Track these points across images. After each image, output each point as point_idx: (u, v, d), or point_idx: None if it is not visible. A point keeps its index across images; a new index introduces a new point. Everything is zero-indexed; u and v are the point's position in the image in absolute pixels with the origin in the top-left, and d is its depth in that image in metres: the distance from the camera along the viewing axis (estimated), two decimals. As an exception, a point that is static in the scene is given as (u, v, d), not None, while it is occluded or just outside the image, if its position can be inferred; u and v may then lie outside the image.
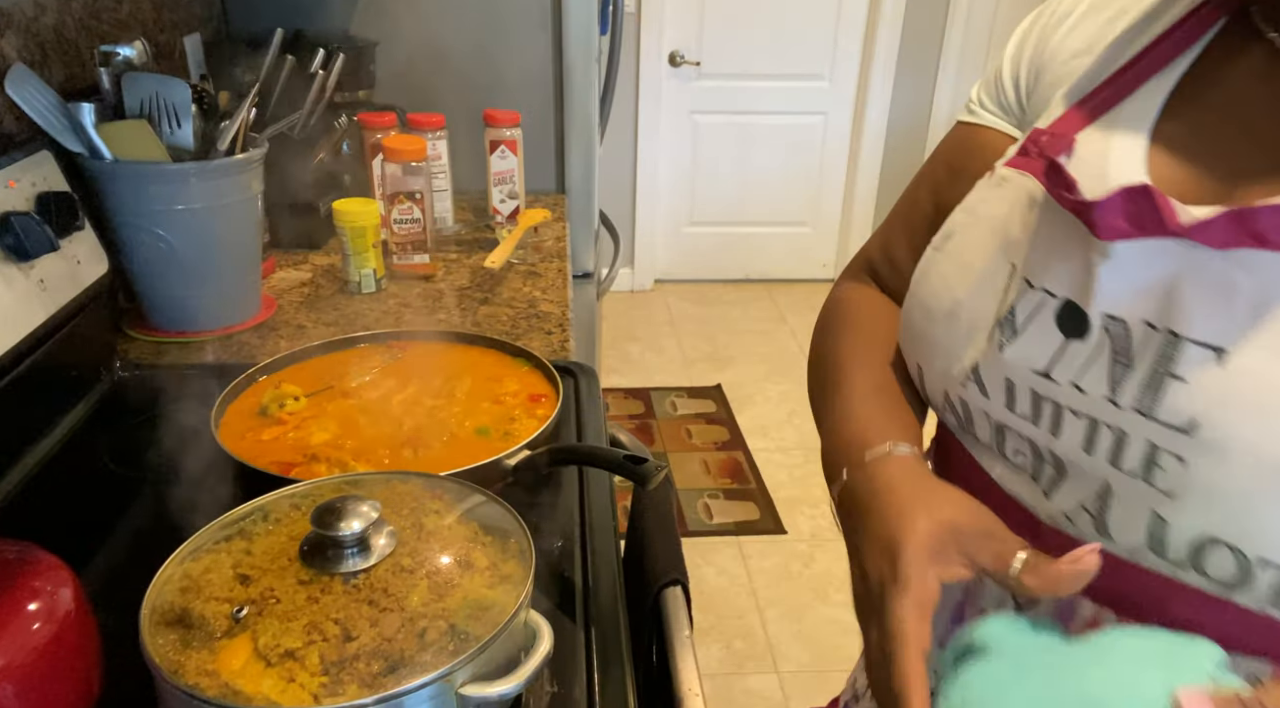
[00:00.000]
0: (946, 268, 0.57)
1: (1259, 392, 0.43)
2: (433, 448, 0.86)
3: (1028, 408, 0.52)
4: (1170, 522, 0.47)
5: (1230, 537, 0.45)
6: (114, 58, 1.08)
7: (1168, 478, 0.46)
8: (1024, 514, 0.55)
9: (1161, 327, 0.46)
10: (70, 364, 0.99)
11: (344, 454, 0.84)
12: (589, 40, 1.74)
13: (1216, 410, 0.44)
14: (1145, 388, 0.46)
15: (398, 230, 1.35)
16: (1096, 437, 0.49)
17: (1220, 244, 0.43)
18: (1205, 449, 0.44)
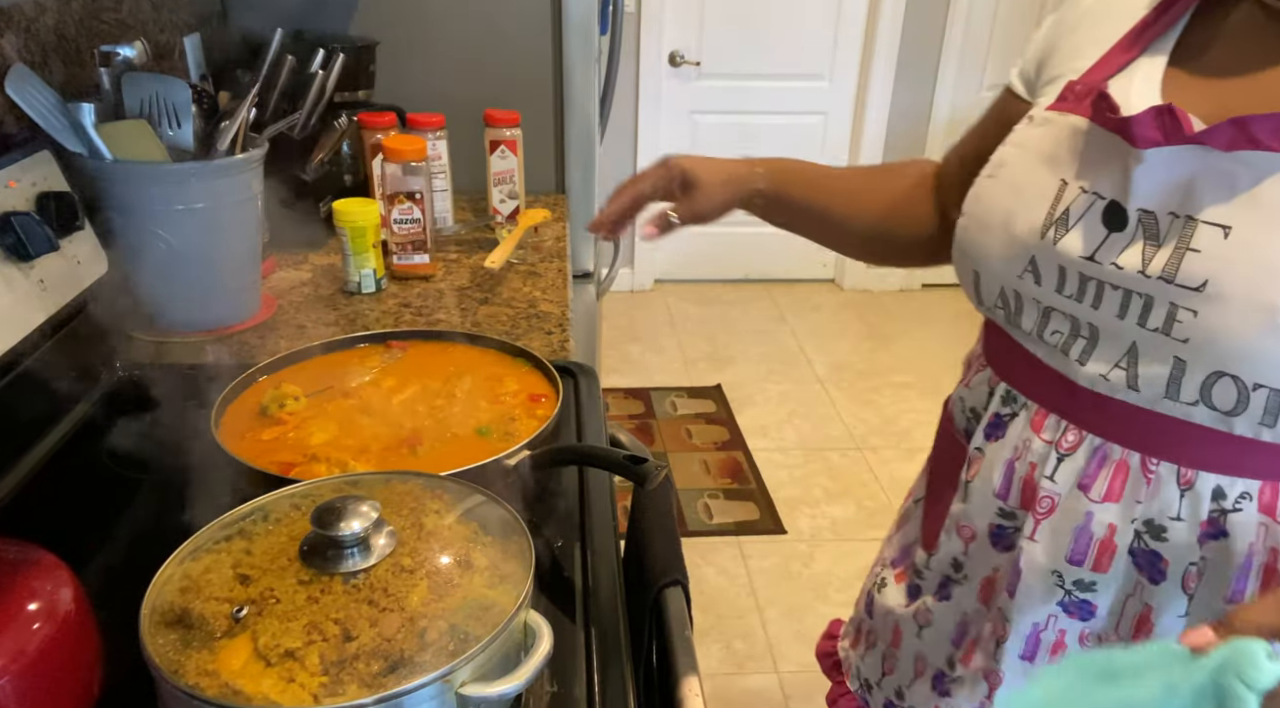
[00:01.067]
0: (999, 190, 0.71)
1: (1252, 256, 0.57)
2: (433, 448, 0.86)
3: (1075, 288, 0.66)
4: (1188, 362, 0.60)
5: (1232, 368, 0.59)
6: (114, 58, 1.08)
7: (1184, 329, 0.60)
8: (1063, 382, 0.69)
9: (1182, 214, 0.60)
10: (70, 364, 0.99)
11: (344, 454, 0.84)
12: (589, 40, 1.74)
13: (1222, 271, 0.58)
14: (1169, 260, 0.60)
15: (398, 230, 1.35)
16: (1129, 304, 0.63)
17: (1226, 146, 0.58)
18: (1213, 301, 0.58)
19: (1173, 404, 0.63)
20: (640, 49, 3.71)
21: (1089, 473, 0.68)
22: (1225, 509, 0.65)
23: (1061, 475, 0.70)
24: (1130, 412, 0.65)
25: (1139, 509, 0.67)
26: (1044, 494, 0.71)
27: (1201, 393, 0.61)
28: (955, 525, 0.81)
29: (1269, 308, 0.56)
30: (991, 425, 0.76)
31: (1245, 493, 0.64)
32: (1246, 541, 0.65)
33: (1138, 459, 0.66)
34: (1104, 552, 0.70)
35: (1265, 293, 0.56)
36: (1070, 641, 0.74)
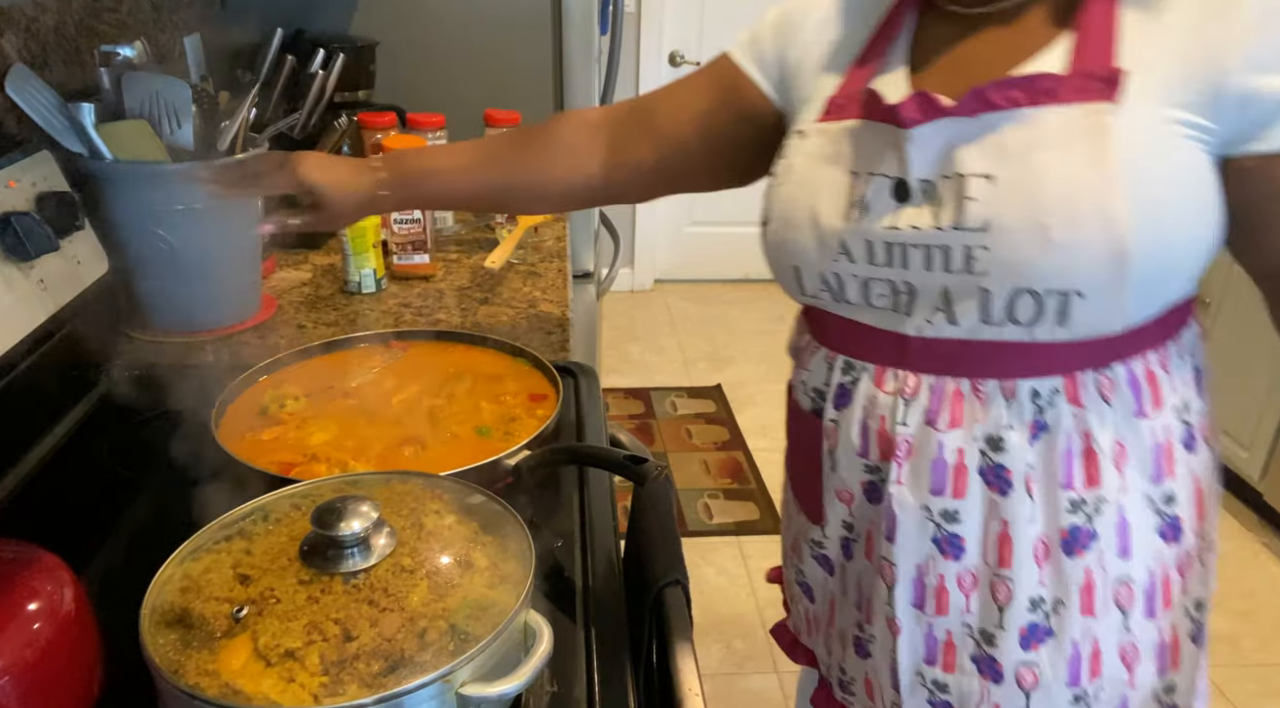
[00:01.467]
0: (797, 192, 0.83)
1: (1016, 191, 0.70)
2: (433, 448, 0.86)
3: (885, 257, 0.77)
4: (991, 290, 0.72)
5: (1026, 283, 0.71)
6: (114, 58, 1.08)
7: (981, 264, 0.72)
8: (894, 337, 0.79)
9: (952, 173, 0.73)
10: (70, 364, 0.99)
11: (344, 454, 0.84)
12: (589, 40, 1.74)
13: (997, 210, 0.70)
14: (954, 212, 0.73)
15: (398, 230, 1.35)
16: (932, 257, 0.75)
17: (971, 112, 0.71)
18: (997, 234, 0.71)
19: (987, 328, 0.75)
20: (640, 49, 3.71)
21: (932, 409, 0.79)
22: (1042, 407, 0.76)
23: (911, 418, 0.80)
24: (954, 346, 0.77)
25: (978, 428, 0.78)
26: (900, 439, 0.80)
27: (1008, 312, 0.73)
28: (834, 493, 0.89)
29: (1040, 227, 0.69)
30: (839, 396, 0.85)
31: (1055, 389, 0.76)
32: (1064, 431, 0.76)
33: (969, 385, 0.77)
34: (959, 476, 0.79)
35: (1034, 217, 0.69)
36: (950, 586, 0.81)
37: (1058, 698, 0.81)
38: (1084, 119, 0.69)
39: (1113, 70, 0.69)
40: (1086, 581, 0.79)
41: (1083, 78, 0.69)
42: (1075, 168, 0.69)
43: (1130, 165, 0.68)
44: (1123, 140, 0.68)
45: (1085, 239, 0.68)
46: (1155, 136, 0.69)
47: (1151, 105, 0.69)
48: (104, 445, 0.95)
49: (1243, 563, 2.45)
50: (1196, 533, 0.82)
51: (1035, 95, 0.70)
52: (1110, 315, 0.72)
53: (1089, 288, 0.70)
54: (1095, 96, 0.69)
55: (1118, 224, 0.67)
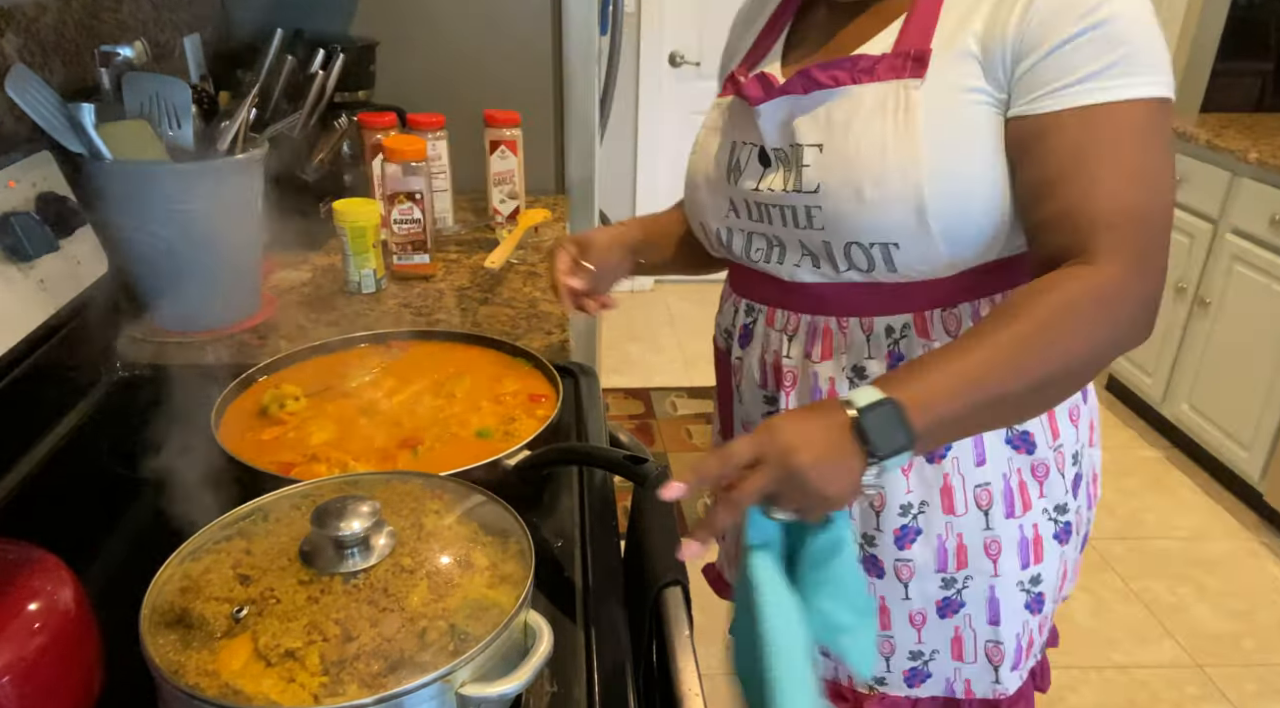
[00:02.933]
0: (697, 160, 0.96)
1: (838, 159, 0.81)
2: (433, 448, 0.86)
3: (757, 214, 0.89)
4: (831, 242, 0.84)
5: (853, 237, 0.82)
6: (114, 58, 1.08)
7: (819, 220, 0.83)
8: (776, 282, 0.91)
9: (794, 143, 0.84)
10: (70, 364, 0.99)
11: (344, 454, 0.84)
12: (589, 40, 1.74)
13: (825, 175, 0.81)
14: (795, 177, 0.84)
15: (398, 230, 1.35)
16: (786, 215, 0.86)
17: (803, 91, 0.82)
18: (826, 196, 0.82)
19: (838, 274, 0.86)
20: (640, 49, 3.70)
21: (809, 344, 0.91)
22: (896, 339, 0.87)
23: (793, 351, 0.92)
24: (820, 289, 0.88)
25: (845, 359, 0.89)
26: (786, 370, 0.93)
27: (848, 260, 0.84)
28: (742, 425, 1.01)
29: (856, 189, 0.79)
30: (743, 335, 0.98)
31: (906, 324, 0.86)
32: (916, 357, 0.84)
33: (835, 322, 0.89)
34: None
35: (851, 180, 0.80)
36: None
37: (929, 584, 0.93)
38: (894, 94, 0.79)
39: (922, 50, 0.78)
40: (945, 484, 0.90)
41: (897, 57, 0.79)
42: (884, 136, 0.78)
43: (929, 132, 0.77)
44: (925, 111, 0.77)
45: (891, 196, 0.78)
46: (952, 106, 0.78)
47: (951, 77, 0.78)
48: (104, 445, 0.95)
49: (1243, 563, 2.45)
50: (1049, 446, 0.91)
51: (856, 74, 0.80)
52: (931, 261, 0.81)
53: (901, 238, 0.80)
54: (906, 73, 0.79)
55: (916, 181, 0.77)
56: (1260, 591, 2.35)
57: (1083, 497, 0.97)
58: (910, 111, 0.78)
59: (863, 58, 0.80)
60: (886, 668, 1.00)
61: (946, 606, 0.94)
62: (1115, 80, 0.73)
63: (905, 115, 0.78)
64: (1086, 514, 0.99)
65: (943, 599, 0.94)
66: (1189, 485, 2.79)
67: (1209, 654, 2.14)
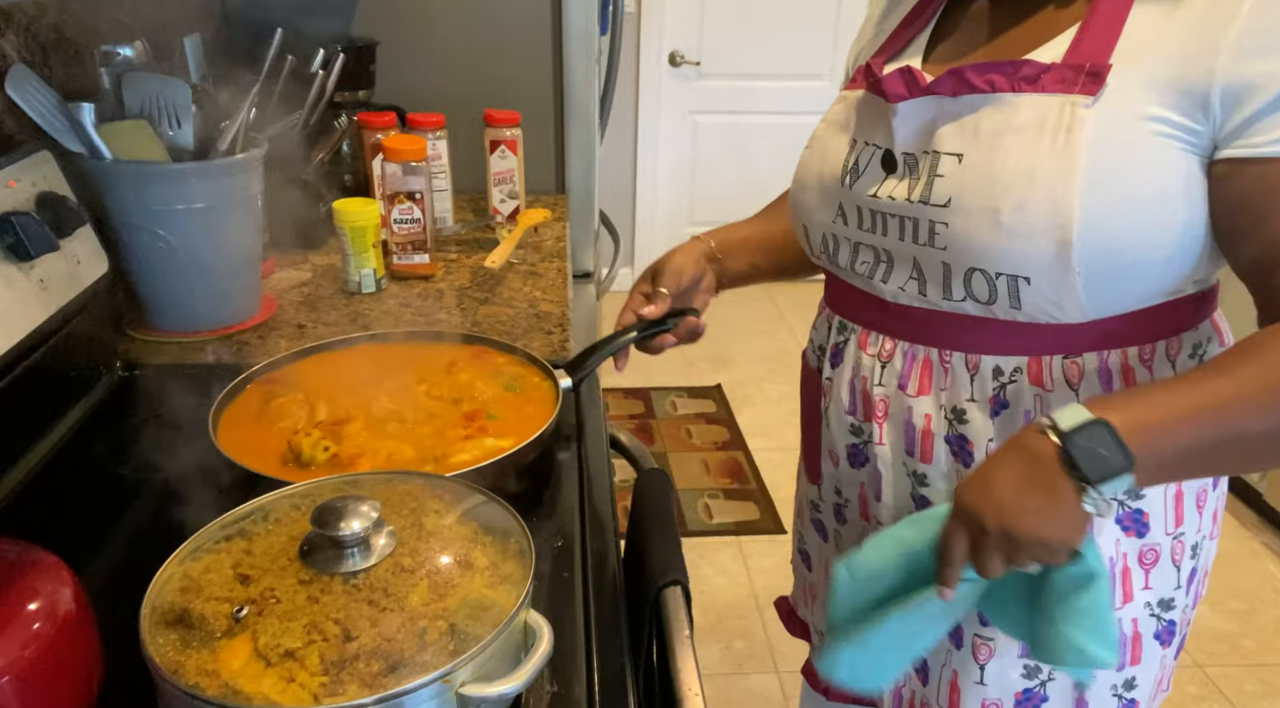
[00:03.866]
0: (811, 157, 0.88)
1: (978, 173, 0.72)
2: (432, 448, 0.86)
3: (869, 223, 0.81)
4: (951, 265, 0.75)
5: (979, 263, 0.73)
6: (114, 58, 1.08)
7: (942, 239, 0.75)
8: (876, 301, 0.84)
9: (930, 150, 0.76)
10: (70, 364, 0.99)
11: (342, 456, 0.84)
12: (589, 40, 1.74)
13: (959, 189, 0.73)
14: (924, 187, 0.76)
15: (398, 230, 1.35)
16: (905, 228, 0.78)
17: (951, 92, 0.74)
18: (956, 213, 0.73)
19: (950, 303, 0.77)
20: (640, 49, 3.70)
21: (904, 373, 0.83)
22: (1004, 383, 0.79)
23: (887, 380, 0.84)
24: (925, 315, 0.80)
25: (944, 397, 0.81)
26: (878, 399, 0.85)
27: (966, 288, 0.76)
28: (828, 453, 0.95)
29: (993, 210, 0.71)
30: (834, 354, 0.91)
31: (1017, 368, 0.78)
32: (1023, 408, 0.78)
33: (936, 354, 0.81)
34: (926, 440, 0.83)
35: (989, 199, 0.71)
36: None
37: (1010, 671, 0.83)
38: (1059, 109, 0.69)
39: (1099, 64, 0.68)
40: None
41: (1069, 69, 0.69)
42: (1037, 155, 0.69)
43: (1093, 159, 0.68)
44: (1091, 134, 0.68)
45: (1031, 226, 0.70)
46: (1126, 133, 0.68)
47: (1131, 102, 0.68)
48: (104, 445, 0.95)
49: (1243, 563, 2.45)
50: (1168, 532, 0.82)
51: (1016, 82, 0.71)
52: (1063, 303, 0.72)
53: (1035, 273, 0.71)
54: (1076, 88, 0.69)
55: (1063, 213, 0.68)
56: (1260, 591, 2.35)
57: (1191, 594, 0.87)
58: (1073, 133, 0.68)
59: (1028, 63, 0.71)
60: None
61: (1026, 700, 0.85)
62: None
63: (1067, 137, 0.68)
64: (1189, 614, 0.88)
65: (1023, 692, 0.85)
66: (1189, 485, 2.78)
67: (1209, 654, 2.14)
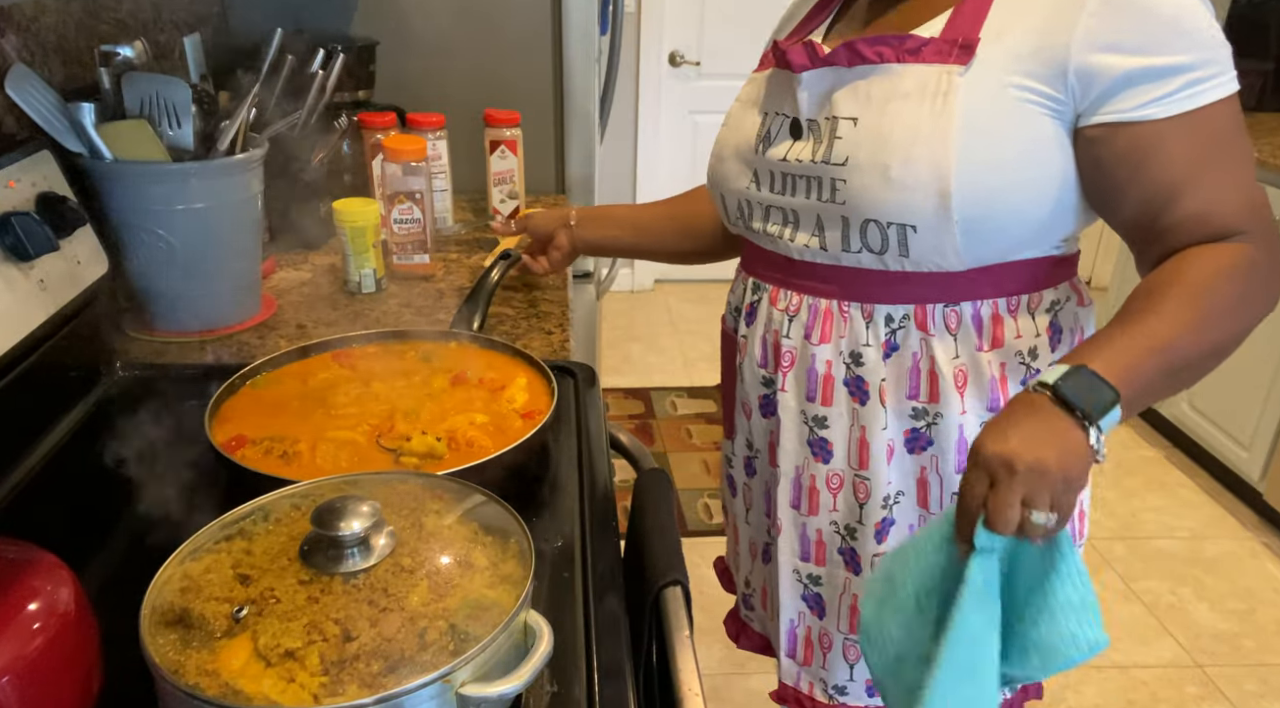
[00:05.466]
0: (726, 132, 0.97)
1: (871, 134, 0.81)
2: (431, 448, 0.86)
3: (780, 185, 0.89)
4: (849, 219, 0.84)
5: (873, 214, 0.82)
6: (114, 58, 1.07)
7: (841, 194, 0.83)
8: (785, 260, 0.92)
9: (830, 116, 0.84)
10: (70, 364, 0.99)
11: (341, 456, 0.84)
12: (589, 40, 1.74)
13: (855, 149, 0.82)
14: (825, 148, 0.84)
15: (398, 230, 1.35)
16: (810, 187, 0.86)
17: (846, 63, 0.83)
18: (853, 170, 0.82)
19: (848, 255, 0.86)
20: (640, 49, 3.70)
21: (809, 324, 0.91)
22: (895, 329, 0.88)
23: (793, 332, 0.92)
24: (826, 270, 0.88)
25: (843, 344, 0.90)
26: (785, 350, 0.93)
27: (862, 239, 0.84)
28: (741, 406, 1.02)
29: (884, 167, 0.80)
30: (749, 314, 0.98)
31: (906, 315, 0.87)
32: (911, 351, 0.88)
33: (837, 305, 0.89)
34: (827, 386, 0.91)
35: (880, 157, 0.80)
36: (820, 486, 0.95)
37: None
38: (936, 78, 0.79)
39: (969, 39, 0.78)
40: (921, 476, 0.91)
41: (945, 43, 0.79)
42: (919, 118, 0.79)
43: (965, 121, 0.77)
44: (964, 99, 0.78)
45: (916, 179, 0.79)
46: (994, 98, 0.78)
47: (996, 71, 0.78)
48: (104, 445, 0.95)
49: (1243, 563, 2.45)
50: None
51: (901, 53, 0.81)
52: (944, 251, 0.82)
53: (920, 223, 0.80)
54: (950, 59, 0.79)
55: (943, 168, 0.78)
56: (1260, 591, 2.35)
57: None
58: (948, 97, 0.78)
59: (910, 38, 0.81)
60: (850, 676, 0.99)
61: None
62: (1211, 80, 0.75)
63: (943, 100, 0.78)
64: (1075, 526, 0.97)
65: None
66: (1189, 485, 2.78)
67: (1209, 654, 2.14)
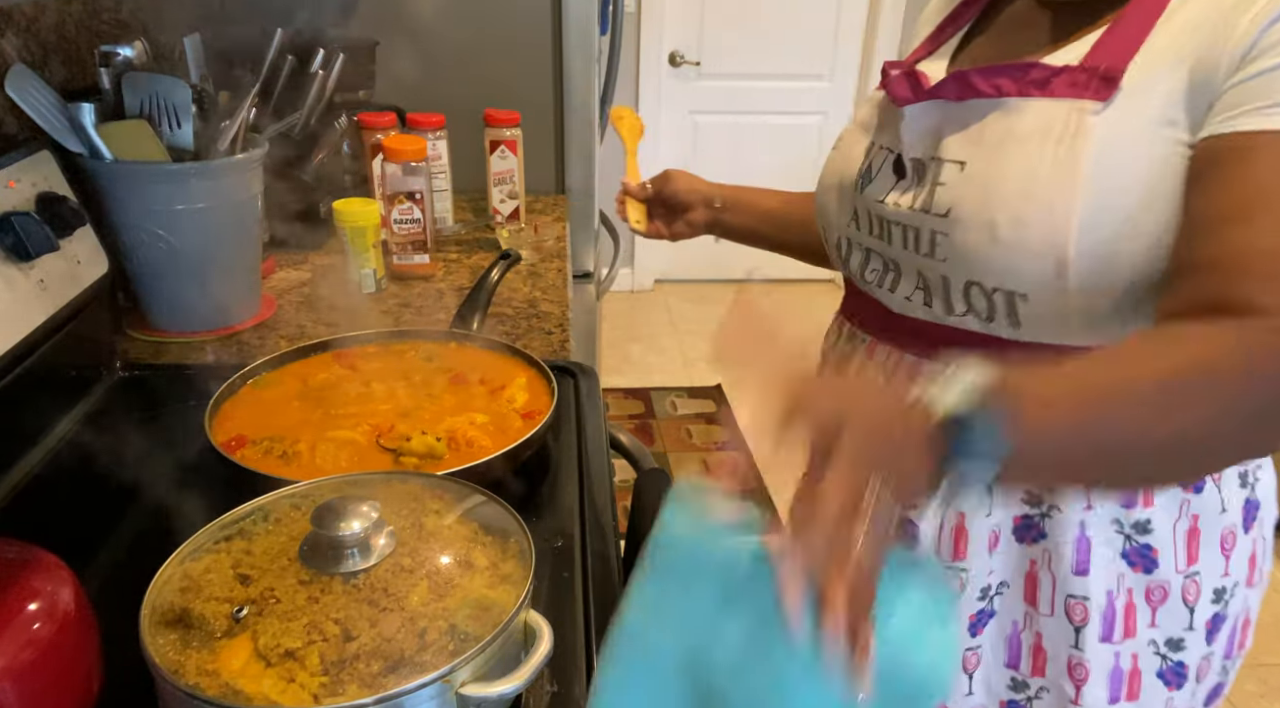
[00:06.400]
0: (836, 157, 0.86)
1: (978, 183, 0.69)
2: (432, 448, 0.86)
3: (878, 229, 0.79)
4: (950, 277, 0.72)
5: (976, 276, 0.70)
6: (114, 58, 1.07)
7: (941, 250, 0.72)
8: (884, 311, 0.81)
9: (935, 156, 0.73)
10: (70, 364, 0.99)
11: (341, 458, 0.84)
12: (589, 40, 1.74)
13: (959, 199, 0.70)
14: (926, 195, 0.73)
15: (398, 230, 1.35)
16: (907, 236, 0.75)
17: (955, 96, 0.71)
18: (955, 224, 0.70)
19: (953, 317, 0.75)
20: (640, 49, 3.70)
21: None
22: None
23: None
24: (930, 329, 0.77)
25: None
26: None
27: (966, 302, 0.73)
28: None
29: (990, 223, 0.68)
30: (839, 361, 0.89)
31: None
32: None
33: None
34: None
35: (987, 211, 0.68)
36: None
37: (996, 681, 0.82)
38: (1066, 116, 0.65)
39: (1114, 68, 0.63)
40: (1031, 569, 0.77)
41: (1082, 72, 0.65)
42: (1040, 165, 0.65)
43: (1097, 170, 0.63)
44: (1098, 143, 0.63)
45: (1028, 241, 0.65)
46: (1137, 141, 0.63)
47: (1144, 106, 0.63)
48: (104, 445, 0.94)
49: (1243, 563, 2.45)
50: (1178, 570, 0.76)
51: (1024, 85, 0.67)
52: (1065, 322, 0.68)
53: (1032, 291, 0.67)
54: (1086, 93, 0.64)
55: (1060, 230, 0.64)
56: (1260, 591, 2.34)
57: (1219, 643, 0.80)
58: (1077, 141, 0.64)
59: (1037, 66, 0.67)
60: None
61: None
62: None
63: (1070, 145, 0.64)
64: (1221, 663, 0.82)
65: (1008, 702, 0.82)
66: (1189, 485, 2.78)
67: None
